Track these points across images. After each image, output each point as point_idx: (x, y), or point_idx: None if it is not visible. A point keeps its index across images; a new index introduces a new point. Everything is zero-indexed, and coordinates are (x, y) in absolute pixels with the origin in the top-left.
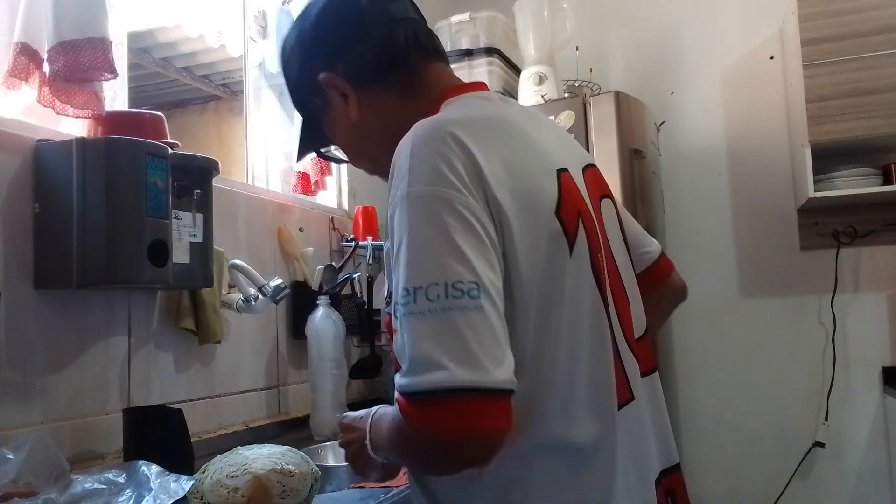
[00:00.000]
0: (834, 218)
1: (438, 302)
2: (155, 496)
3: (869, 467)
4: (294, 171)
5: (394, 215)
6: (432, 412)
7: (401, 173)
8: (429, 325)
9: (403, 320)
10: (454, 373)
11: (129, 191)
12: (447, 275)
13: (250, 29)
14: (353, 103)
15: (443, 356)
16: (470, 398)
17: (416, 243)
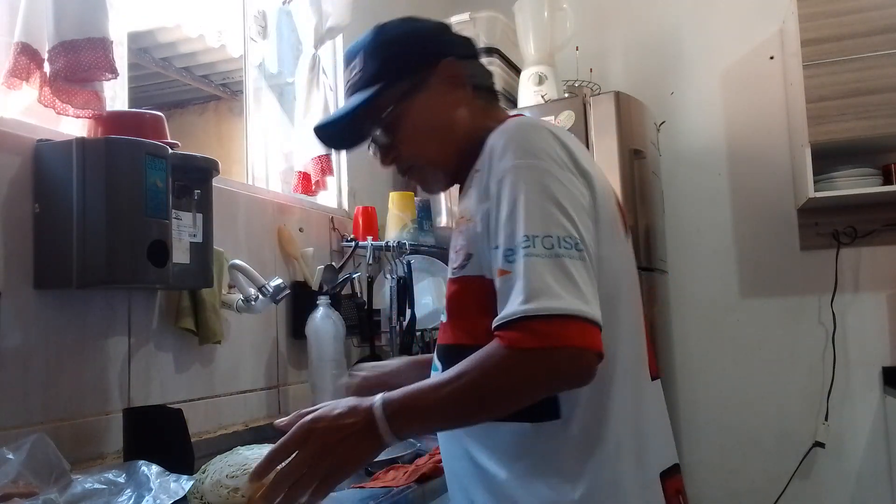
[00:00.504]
0: (834, 218)
1: (553, 250)
2: (155, 496)
3: (869, 467)
4: (294, 171)
5: (502, 181)
6: (555, 330)
7: (506, 150)
8: (545, 265)
9: (523, 261)
10: (570, 301)
11: (129, 191)
12: (559, 229)
13: (250, 29)
14: (464, 97)
15: (560, 289)
16: (583, 322)
17: (532, 202)
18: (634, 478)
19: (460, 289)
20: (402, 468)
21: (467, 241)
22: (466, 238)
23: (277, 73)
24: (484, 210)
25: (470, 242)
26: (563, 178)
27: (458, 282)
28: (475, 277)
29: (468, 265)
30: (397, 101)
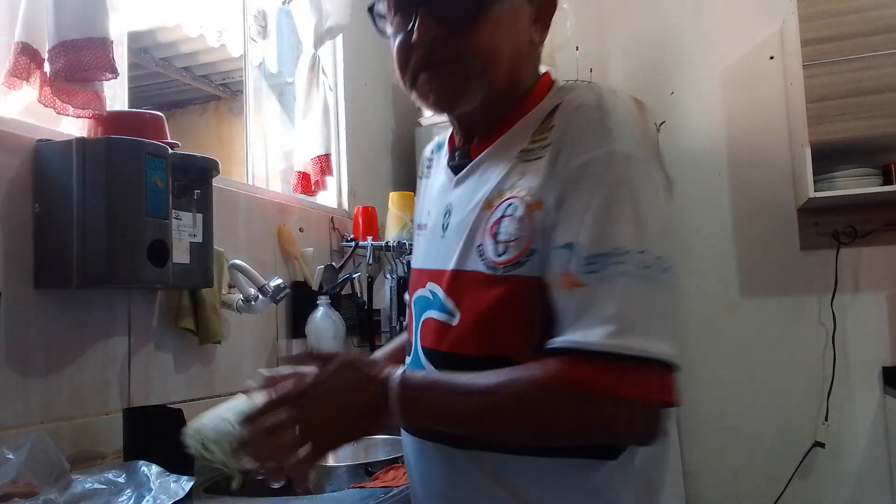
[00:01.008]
0: (834, 218)
1: (648, 270)
2: (155, 496)
3: (869, 467)
4: (294, 171)
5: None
6: (642, 378)
7: (592, 127)
8: (640, 290)
9: (617, 279)
10: (662, 343)
11: (129, 191)
12: (655, 245)
13: (250, 29)
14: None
15: (653, 325)
16: (670, 371)
17: (628, 206)
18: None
19: (508, 292)
20: (402, 468)
21: (530, 230)
22: (527, 225)
23: (277, 73)
24: (559, 194)
25: (535, 233)
26: (657, 176)
27: (505, 282)
28: (531, 280)
29: (527, 263)
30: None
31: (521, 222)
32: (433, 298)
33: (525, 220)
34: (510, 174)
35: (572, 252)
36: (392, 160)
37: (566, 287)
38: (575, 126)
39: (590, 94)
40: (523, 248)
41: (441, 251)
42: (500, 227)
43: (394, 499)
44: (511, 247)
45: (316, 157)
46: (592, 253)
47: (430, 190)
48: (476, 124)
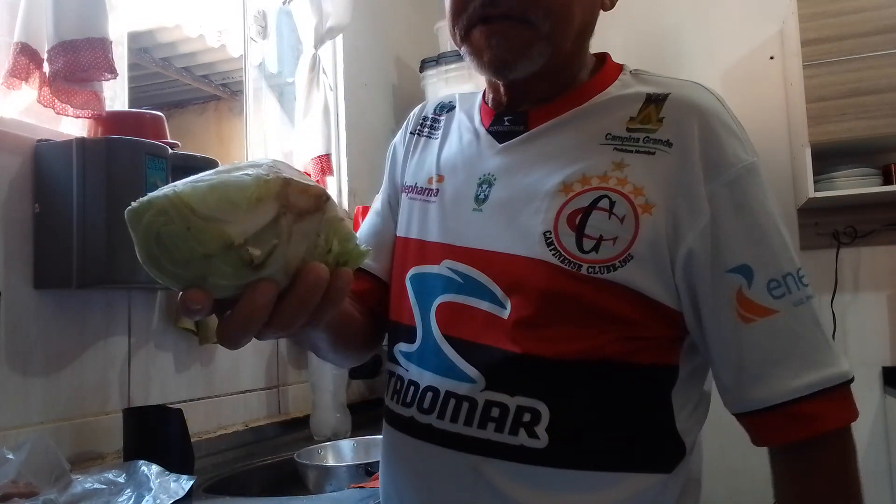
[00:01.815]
0: (834, 218)
1: (806, 290)
2: (155, 496)
3: (869, 467)
4: None
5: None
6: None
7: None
8: (814, 311)
9: (809, 304)
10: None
11: (129, 191)
12: (798, 261)
13: (250, 29)
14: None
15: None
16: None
17: (778, 219)
18: None
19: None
20: None
21: (632, 233)
22: (630, 228)
23: (277, 73)
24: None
25: (639, 238)
26: None
27: (587, 282)
28: (623, 289)
29: (621, 269)
30: None
31: (624, 222)
32: (462, 280)
33: (629, 220)
34: (600, 160)
35: (752, 277)
36: None
37: (752, 316)
38: (703, 130)
39: (703, 92)
40: (621, 252)
41: (476, 227)
42: (588, 220)
43: None
44: (604, 246)
45: (316, 157)
46: (777, 276)
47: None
48: (533, 90)
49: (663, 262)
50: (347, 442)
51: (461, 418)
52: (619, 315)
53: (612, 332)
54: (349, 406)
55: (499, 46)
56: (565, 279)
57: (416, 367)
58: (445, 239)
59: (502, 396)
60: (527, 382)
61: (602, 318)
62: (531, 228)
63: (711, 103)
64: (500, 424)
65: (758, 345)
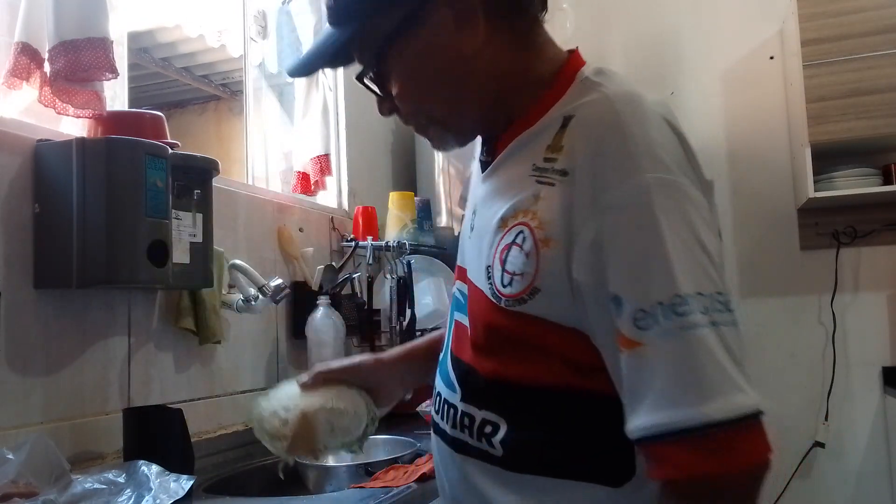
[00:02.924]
0: (834, 218)
1: (709, 315)
2: (155, 496)
3: (869, 467)
4: (294, 171)
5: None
6: (751, 438)
7: (620, 154)
8: (712, 340)
9: (683, 336)
10: (752, 395)
11: (129, 191)
12: (711, 283)
13: (250, 29)
14: (479, 31)
15: (736, 375)
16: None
17: (676, 244)
18: None
19: (512, 326)
20: (402, 468)
21: (534, 267)
22: (533, 263)
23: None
24: (585, 238)
25: (540, 272)
26: (699, 200)
27: (508, 316)
28: (538, 320)
29: (530, 301)
30: (383, 40)
31: (528, 258)
32: (462, 300)
33: (532, 255)
34: (526, 193)
35: (622, 307)
36: (392, 160)
37: (623, 348)
38: (591, 154)
39: (605, 108)
40: (527, 286)
41: (466, 253)
42: (508, 255)
43: (394, 499)
44: (516, 280)
45: (315, 157)
46: (641, 306)
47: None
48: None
49: (566, 292)
50: None
51: (450, 421)
52: (543, 344)
53: (546, 361)
54: None
55: (433, 143)
56: (495, 311)
57: (437, 376)
58: (459, 261)
59: (472, 409)
60: (490, 399)
61: (529, 346)
62: (482, 261)
63: (605, 120)
64: (469, 430)
65: (626, 377)
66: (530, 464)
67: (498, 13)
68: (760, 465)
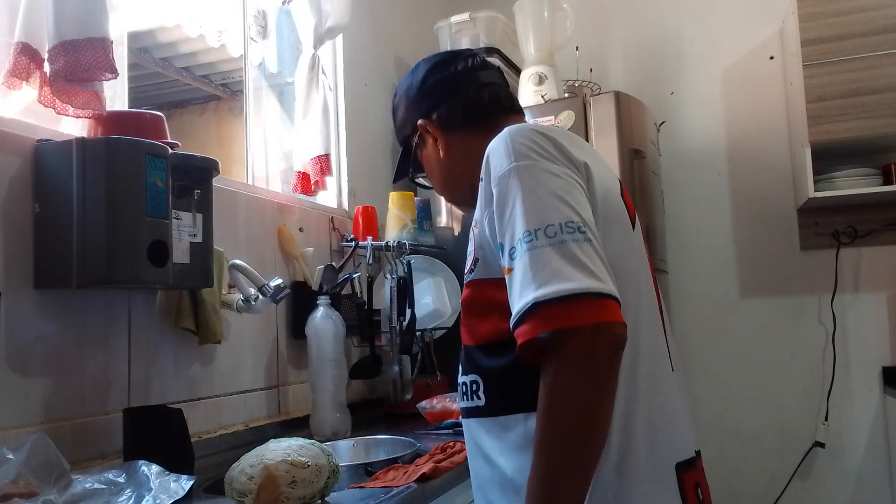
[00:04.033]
0: (834, 218)
1: (557, 237)
2: (155, 496)
3: (869, 467)
4: (294, 171)
5: (500, 184)
6: (574, 310)
7: (499, 156)
8: (551, 252)
9: (527, 255)
10: (582, 281)
11: (129, 191)
12: (560, 216)
13: (250, 29)
14: (442, 145)
15: (570, 272)
16: (601, 298)
17: (529, 198)
18: (644, 469)
19: (470, 293)
20: (402, 468)
21: (475, 246)
22: (474, 243)
23: (277, 73)
24: (488, 214)
25: (477, 247)
26: (557, 170)
27: (469, 286)
28: (481, 281)
29: (476, 269)
30: (415, 157)
31: (472, 240)
32: None
33: (472, 238)
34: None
35: (503, 250)
36: (392, 160)
37: (507, 276)
38: (485, 162)
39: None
40: (473, 259)
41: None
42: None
43: (394, 499)
44: (468, 259)
45: (316, 157)
46: (511, 245)
47: None
48: None
49: (492, 253)
50: (347, 442)
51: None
52: (489, 300)
53: (495, 315)
54: (349, 406)
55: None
56: (465, 288)
57: None
58: None
59: (465, 377)
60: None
61: (484, 305)
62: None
63: (496, 140)
64: (464, 395)
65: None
66: (500, 405)
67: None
68: (588, 327)
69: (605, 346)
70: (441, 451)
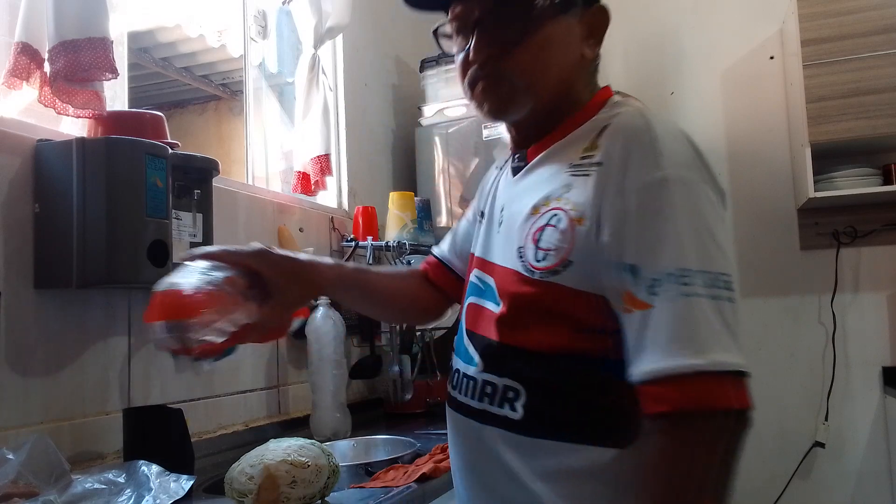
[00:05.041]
0: (834, 218)
1: (713, 289)
2: (155, 496)
3: (869, 467)
4: (294, 171)
5: (652, 199)
6: (734, 389)
7: (645, 153)
8: (709, 307)
9: (682, 301)
10: (738, 356)
11: (129, 191)
12: (718, 264)
13: (250, 29)
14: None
15: (727, 340)
16: (745, 379)
17: (687, 228)
18: None
19: (539, 293)
20: (402, 468)
21: (570, 242)
22: (568, 238)
23: (277, 73)
24: (612, 215)
25: (575, 246)
26: (713, 198)
27: (539, 286)
28: (563, 288)
29: (563, 273)
30: (543, 11)
31: (564, 234)
32: (483, 287)
33: (567, 232)
34: (559, 185)
35: (637, 274)
36: (392, 160)
37: (632, 308)
38: (623, 149)
39: (637, 117)
40: (561, 258)
41: (493, 244)
42: (542, 235)
43: (394, 499)
44: (550, 255)
45: (316, 157)
46: (654, 275)
47: (498, 184)
48: (529, 131)
49: (597, 262)
50: (347, 442)
51: (468, 392)
52: (567, 311)
53: (567, 327)
54: (349, 406)
55: (490, 100)
56: (527, 284)
57: (454, 355)
58: (477, 252)
59: (493, 377)
60: (509, 367)
61: (553, 315)
62: (513, 245)
63: (637, 125)
64: (492, 398)
65: (633, 332)
66: (545, 427)
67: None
68: (736, 410)
69: (741, 432)
70: (441, 451)
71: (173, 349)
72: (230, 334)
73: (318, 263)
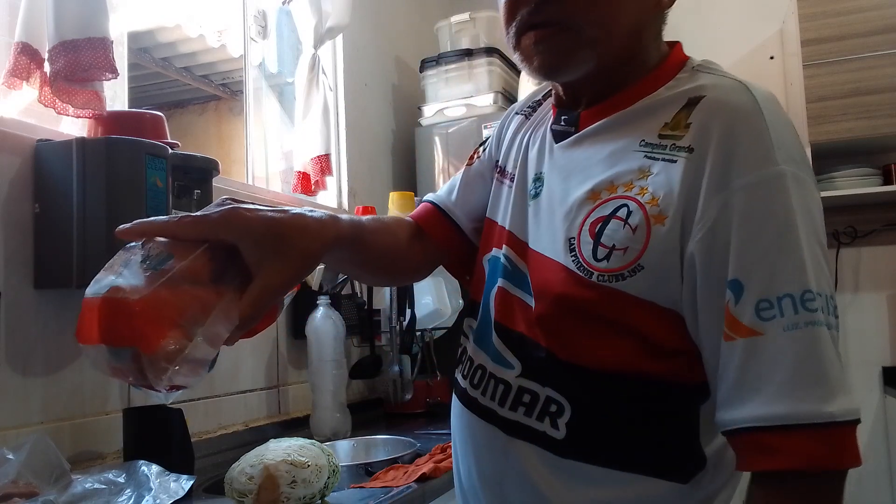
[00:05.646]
0: (834, 218)
1: (829, 317)
2: (155, 496)
3: (869, 467)
4: (294, 171)
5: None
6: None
7: (753, 141)
8: (828, 340)
9: (810, 331)
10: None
11: (129, 191)
12: (829, 285)
13: (250, 29)
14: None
15: (845, 380)
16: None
17: (810, 238)
18: None
19: (599, 302)
20: (402, 468)
21: (643, 243)
22: (641, 238)
23: (277, 73)
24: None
25: (649, 248)
26: (820, 202)
27: (597, 290)
28: (634, 299)
29: (630, 279)
30: None
31: (636, 232)
32: (514, 272)
33: (641, 230)
34: (629, 167)
35: (741, 293)
36: (392, 160)
37: (734, 336)
38: (727, 135)
39: (742, 94)
40: (630, 261)
41: (528, 222)
42: (604, 228)
43: (394, 499)
44: (615, 255)
45: (316, 157)
46: (769, 296)
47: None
48: (585, 92)
49: (675, 271)
50: (347, 442)
51: (497, 398)
52: (629, 324)
53: (623, 340)
54: (349, 406)
55: (546, 52)
56: (578, 286)
57: (473, 345)
58: (507, 225)
59: (535, 385)
60: (557, 378)
61: (610, 326)
62: (560, 233)
63: (744, 105)
64: (529, 409)
65: (736, 365)
66: (591, 450)
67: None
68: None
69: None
70: (441, 451)
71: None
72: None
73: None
